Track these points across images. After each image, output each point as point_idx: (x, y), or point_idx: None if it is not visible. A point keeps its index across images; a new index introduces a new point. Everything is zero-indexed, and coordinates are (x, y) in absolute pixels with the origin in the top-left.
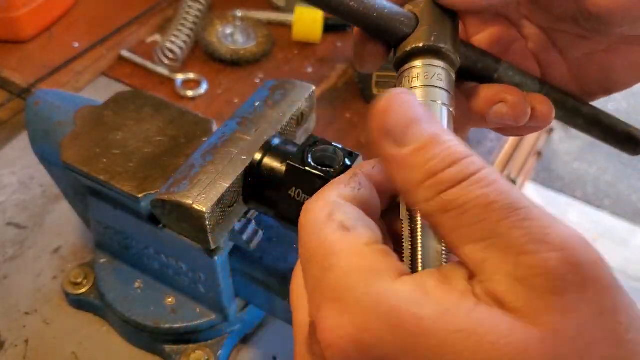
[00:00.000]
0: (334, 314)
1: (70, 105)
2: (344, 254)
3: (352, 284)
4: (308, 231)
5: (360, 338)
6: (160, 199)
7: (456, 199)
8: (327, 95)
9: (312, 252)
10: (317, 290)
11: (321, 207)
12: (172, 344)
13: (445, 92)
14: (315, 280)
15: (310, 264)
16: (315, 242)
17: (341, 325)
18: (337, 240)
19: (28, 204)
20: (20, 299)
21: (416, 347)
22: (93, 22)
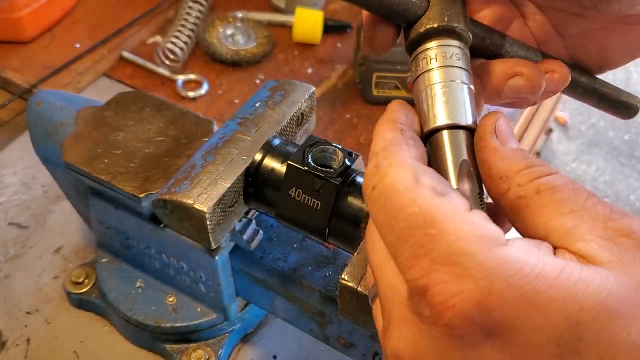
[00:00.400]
0: (452, 278)
1: (72, 106)
2: (452, 220)
3: (470, 249)
4: (398, 197)
5: (486, 300)
6: (162, 198)
7: (548, 183)
8: (327, 96)
9: (410, 219)
10: (424, 256)
11: (402, 171)
12: (173, 343)
13: (465, 71)
14: (418, 247)
15: (410, 230)
16: (413, 208)
17: (464, 289)
18: (437, 206)
19: (30, 204)
20: (22, 299)
21: (542, 301)
22: (94, 23)
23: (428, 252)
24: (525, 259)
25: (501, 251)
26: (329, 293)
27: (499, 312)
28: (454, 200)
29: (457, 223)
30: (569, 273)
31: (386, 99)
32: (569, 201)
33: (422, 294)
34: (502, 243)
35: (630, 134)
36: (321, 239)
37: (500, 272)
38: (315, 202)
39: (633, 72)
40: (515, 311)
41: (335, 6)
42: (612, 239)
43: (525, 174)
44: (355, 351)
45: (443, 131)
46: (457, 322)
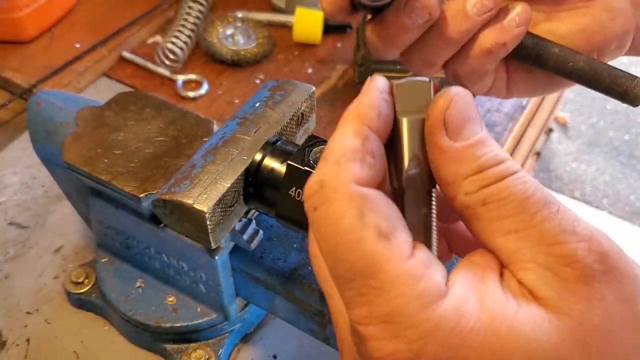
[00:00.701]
0: (386, 335)
1: (72, 106)
2: (393, 274)
3: (407, 310)
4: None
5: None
6: (162, 198)
7: (497, 193)
8: (327, 96)
9: (354, 265)
10: (364, 305)
11: (347, 204)
12: (173, 343)
13: None
14: (359, 294)
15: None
16: (353, 253)
17: (398, 349)
18: (380, 254)
19: (30, 204)
20: (22, 299)
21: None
22: (94, 23)
23: (368, 303)
24: (461, 313)
25: (438, 309)
26: None
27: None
28: (398, 245)
29: (397, 278)
30: (501, 322)
31: None
32: (515, 218)
33: (361, 340)
34: (440, 297)
35: (630, 134)
36: None
37: (434, 335)
38: None
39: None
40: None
41: None
42: (553, 269)
43: (472, 181)
44: None
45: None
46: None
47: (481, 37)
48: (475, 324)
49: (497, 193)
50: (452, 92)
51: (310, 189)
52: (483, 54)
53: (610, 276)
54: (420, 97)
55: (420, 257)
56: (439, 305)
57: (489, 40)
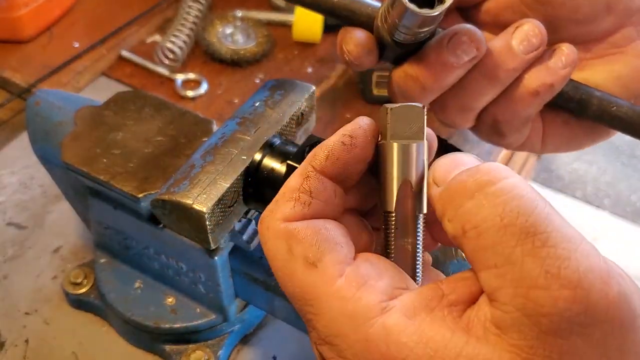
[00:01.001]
0: (334, 355)
1: (71, 105)
2: (325, 298)
3: (341, 331)
4: (279, 272)
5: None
6: (161, 199)
7: (472, 217)
8: (327, 95)
9: (292, 294)
10: (312, 330)
11: (276, 241)
12: (172, 344)
13: None
14: (307, 321)
15: (296, 305)
16: (290, 285)
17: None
18: (310, 283)
19: (28, 204)
20: (21, 299)
21: None
22: (93, 22)
23: (314, 328)
24: (394, 338)
25: (369, 330)
26: None
27: None
28: (325, 270)
29: (329, 302)
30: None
31: (386, 99)
32: (494, 250)
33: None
34: (372, 316)
35: None
36: None
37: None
38: None
39: None
40: None
41: None
42: (531, 316)
43: (450, 206)
44: None
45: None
46: None
47: (526, 77)
48: (408, 356)
49: (471, 217)
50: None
51: (259, 224)
52: (529, 96)
53: (594, 330)
54: (413, 122)
55: (353, 275)
56: (370, 325)
57: (536, 81)
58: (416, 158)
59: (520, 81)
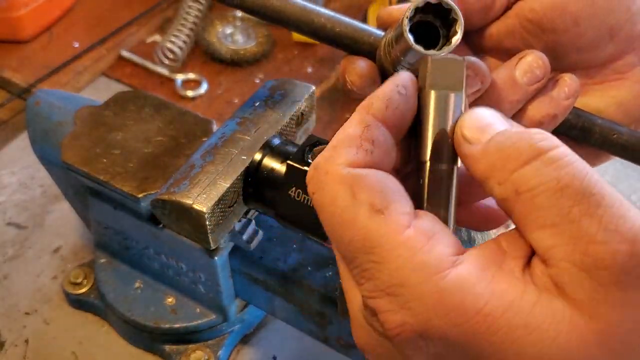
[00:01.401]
0: (393, 307)
1: (71, 105)
2: (391, 246)
3: (409, 281)
4: (338, 217)
5: (425, 332)
6: (161, 199)
7: (528, 180)
8: (327, 96)
9: (349, 242)
10: (368, 280)
11: (338, 186)
12: (172, 344)
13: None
14: (363, 270)
15: (354, 253)
16: (350, 232)
17: (404, 321)
18: (376, 229)
19: (28, 204)
20: (21, 299)
21: (480, 343)
22: (93, 22)
23: (372, 278)
24: (469, 289)
25: (442, 281)
26: (329, 294)
27: (440, 346)
28: (393, 218)
29: (396, 250)
30: (515, 313)
31: None
32: (550, 210)
33: (372, 314)
34: (445, 268)
35: None
36: (321, 239)
37: (438, 310)
38: None
39: None
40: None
41: (335, 6)
42: (589, 271)
43: (500, 172)
44: (355, 352)
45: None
46: (403, 345)
47: (530, 108)
48: (484, 308)
49: (526, 183)
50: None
51: (308, 175)
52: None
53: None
54: (452, 74)
55: (421, 227)
56: (441, 277)
57: (539, 112)
58: (454, 108)
59: (524, 112)
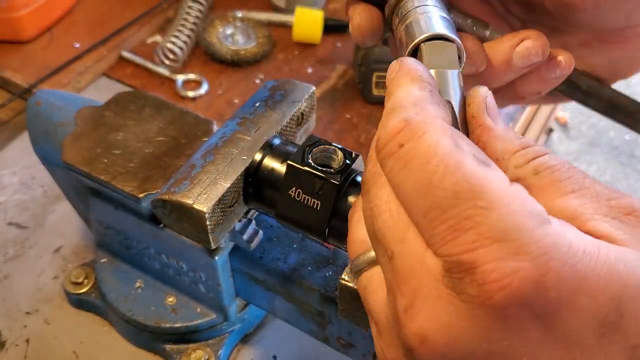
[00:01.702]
0: (507, 254)
1: (71, 106)
2: (502, 192)
3: (525, 225)
4: (439, 161)
5: (543, 280)
6: (161, 199)
7: (545, 163)
8: (327, 96)
9: (456, 187)
10: (469, 229)
11: (440, 132)
12: (172, 344)
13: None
14: (462, 219)
15: (454, 200)
16: (454, 177)
17: (522, 267)
18: (482, 176)
19: (29, 204)
20: (21, 299)
21: (589, 280)
22: (94, 22)
23: (475, 225)
24: (570, 235)
25: (552, 227)
26: (329, 293)
27: (554, 293)
28: (498, 171)
29: (507, 197)
30: (607, 251)
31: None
32: (569, 180)
33: (467, 271)
34: (548, 220)
35: (630, 134)
36: (321, 239)
37: (555, 251)
38: (315, 202)
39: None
40: (568, 291)
41: (335, 6)
42: (619, 218)
43: (521, 154)
44: (355, 352)
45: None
46: (510, 302)
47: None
48: (586, 248)
49: (545, 163)
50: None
51: (393, 129)
52: (515, 98)
53: None
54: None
55: (519, 185)
56: (550, 226)
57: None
58: (452, 84)
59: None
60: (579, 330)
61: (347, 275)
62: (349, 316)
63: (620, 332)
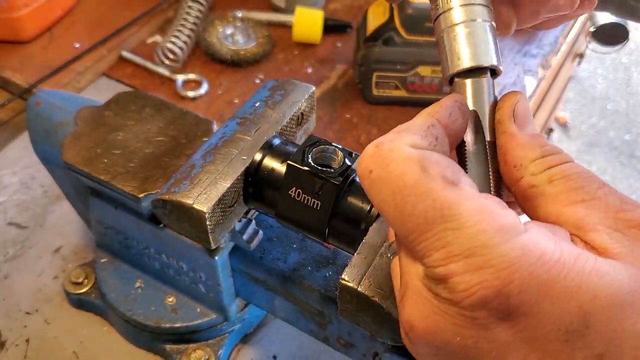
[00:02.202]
0: (470, 269)
1: (71, 106)
2: (470, 212)
3: (492, 242)
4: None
5: (505, 289)
6: (161, 199)
7: (561, 171)
8: (327, 96)
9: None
10: (440, 249)
11: (406, 161)
12: (172, 344)
13: (486, 8)
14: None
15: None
16: (424, 203)
17: (484, 279)
18: (451, 198)
19: (29, 204)
20: (21, 299)
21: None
22: (94, 22)
23: (446, 245)
24: (544, 246)
25: (521, 240)
26: (329, 293)
27: (516, 299)
28: (467, 188)
29: (475, 215)
30: (584, 262)
31: (386, 99)
32: (581, 190)
33: (441, 280)
34: (521, 231)
35: (630, 134)
36: (321, 239)
37: (521, 262)
38: (315, 202)
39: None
40: (531, 298)
41: (335, 6)
42: (622, 231)
43: (539, 163)
44: (355, 351)
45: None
46: (475, 307)
47: None
48: (560, 258)
49: (561, 172)
50: (518, 93)
51: (366, 153)
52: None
53: None
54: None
55: (492, 199)
56: (521, 238)
57: None
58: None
59: None
60: (543, 334)
61: (347, 276)
62: (349, 316)
63: (585, 340)
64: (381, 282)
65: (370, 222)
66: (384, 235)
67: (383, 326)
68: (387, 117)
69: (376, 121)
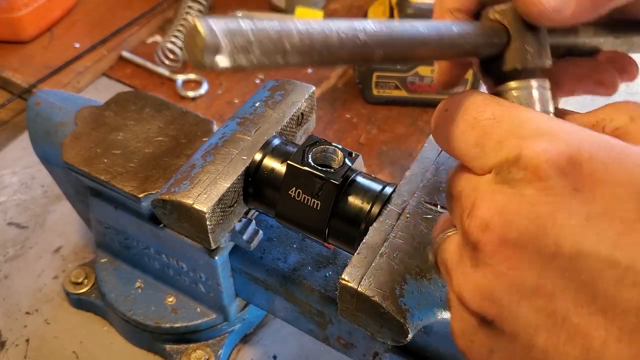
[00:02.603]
0: (543, 142)
1: (71, 106)
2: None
3: (559, 127)
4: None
5: (575, 155)
6: (161, 199)
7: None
8: (327, 96)
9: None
10: (513, 137)
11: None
12: (172, 344)
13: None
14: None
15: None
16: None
17: (556, 147)
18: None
19: (29, 204)
20: (21, 299)
21: (624, 158)
22: (94, 22)
23: (514, 132)
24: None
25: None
26: (329, 293)
27: (588, 166)
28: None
29: (543, 115)
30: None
31: (386, 99)
32: None
33: (513, 162)
34: None
35: None
36: (321, 239)
37: (587, 135)
38: (315, 202)
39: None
40: (602, 166)
41: (335, 6)
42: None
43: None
44: (355, 351)
45: None
46: (549, 174)
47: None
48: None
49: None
50: None
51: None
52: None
53: None
54: None
55: None
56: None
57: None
58: None
59: None
60: (617, 204)
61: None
62: (348, 316)
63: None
64: (381, 282)
65: (370, 222)
66: (384, 235)
67: (383, 326)
68: (387, 117)
69: (376, 121)
